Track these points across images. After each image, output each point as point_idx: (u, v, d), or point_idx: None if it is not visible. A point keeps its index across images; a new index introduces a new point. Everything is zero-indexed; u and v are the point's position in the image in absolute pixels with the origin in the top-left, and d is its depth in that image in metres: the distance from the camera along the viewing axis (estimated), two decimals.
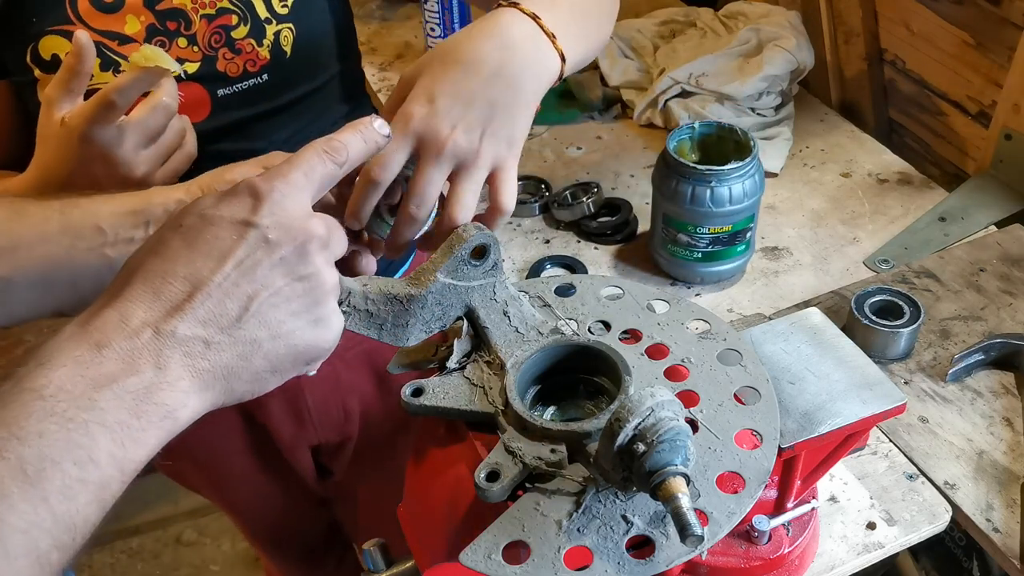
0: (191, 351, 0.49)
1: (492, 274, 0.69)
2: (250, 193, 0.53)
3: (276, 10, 0.90)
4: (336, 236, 0.56)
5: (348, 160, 0.59)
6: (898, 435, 1.02)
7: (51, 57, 0.84)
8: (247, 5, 0.89)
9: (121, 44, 0.85)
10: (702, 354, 0.69)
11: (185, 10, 0.87)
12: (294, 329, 0.53)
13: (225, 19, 0.88)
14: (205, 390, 0.49)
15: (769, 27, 1.59)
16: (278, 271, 0.52)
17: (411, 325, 0.66)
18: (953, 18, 1.43)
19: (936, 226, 1.36)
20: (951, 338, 1.15)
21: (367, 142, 0.61)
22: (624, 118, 1.67)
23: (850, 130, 1.60)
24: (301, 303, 0.53)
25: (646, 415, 0.53)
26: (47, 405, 0.44)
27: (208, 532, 2.20)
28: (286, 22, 0.91)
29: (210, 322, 0.49)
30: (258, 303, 0.51)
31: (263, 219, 0.52)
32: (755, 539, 0.75)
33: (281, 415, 1.15)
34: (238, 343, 0.50)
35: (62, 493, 0.44)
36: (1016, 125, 1.36)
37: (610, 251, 1.35)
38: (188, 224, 0.52)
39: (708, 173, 1.16)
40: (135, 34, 0.85)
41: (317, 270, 0.53)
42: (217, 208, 0.52)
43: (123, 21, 0.85)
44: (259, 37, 0.90)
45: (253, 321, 0.51)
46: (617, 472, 0.56)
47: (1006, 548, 0.91)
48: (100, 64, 0.84)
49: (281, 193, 0.53)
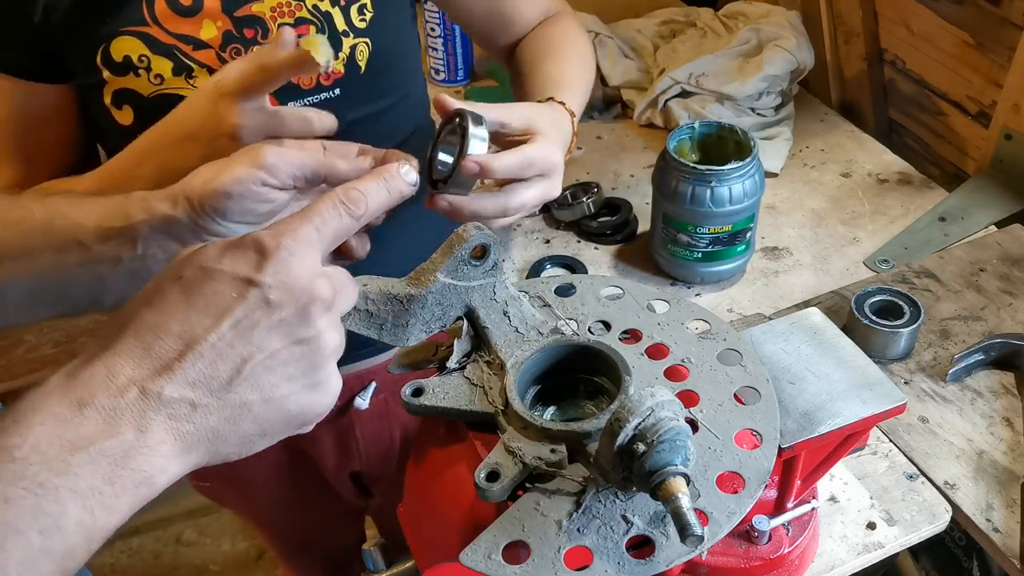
0: (176, 413, 0.46)
1: (492, 274, 0.69)
2: (256, 248, 0.50)
3: (355, 24, 0.89)
4: (345, 293, 0.54)
5: (367, 212, 0.56)
6: (898, 435, 1.02)
7: (123, 59, 0.82)
8: (326, 17, 0.87)
9: (196, 49, 0.83)
10: (702, 354, 0.69)
11: (263, 18, 0.85)
12: (288, 393, 0.50)
13: (303, 29, 0.86)
14: (187, 453, 0.47)
15: (769, 27, 1.59)
16: (276, 333, 0.49)
17: (411, 325, 0.66)
18: (953, 18, 1.43)
19: (936, 226, 1.36)
20: (951, 338, 1.15)
21: (391, 192, 0.59)
22: (624, 118, 1.67)
23: (850, 130, 1.60)
24: (298, 367, 0.50)
25: (646, 415, 0.53)
26: (18, 468, 0.42)
27: (208, 532, 2.20)
28: (363, 36, 0.89)
29: (200, 384, 0.47)
30: (252, 366, 0.48)
31: (266, 277, 0.49)
32: (755, 539, 0.75)
33: (329, 447, 1.14)
34: (227, 406, 0.48)
35: (22, 564, 0.41)
36: (1016, 125, 1.36)
37: (610, 251, 1.35)
38: (188, 276, 0.50)
39: (708, 173, 1.16)
40: (211, 40, 0.83)
41: (318, 333, 0.51)
42: (220, 262, 0.50)
43: (199, 26, 0.83)
44: (336, 50, 0.88)
45: (245, 384, 0.48)
46: (617, 472, 0.56)
47: (1006, 548, 0.91)
48: (172, 68, 0.83)
49: (288, 251, 0.50)
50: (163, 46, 0.82)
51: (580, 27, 1.07)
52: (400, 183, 0.60)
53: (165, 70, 0.82)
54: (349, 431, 1.13)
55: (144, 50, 0.81)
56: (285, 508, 1.25)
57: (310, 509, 1.27)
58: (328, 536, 1.37)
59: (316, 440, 1.13)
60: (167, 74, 0.82)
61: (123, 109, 0.84)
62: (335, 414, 1.10)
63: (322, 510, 1.28)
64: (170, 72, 0.83)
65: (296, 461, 1.16)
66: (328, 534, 1.36)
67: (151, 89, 0.83)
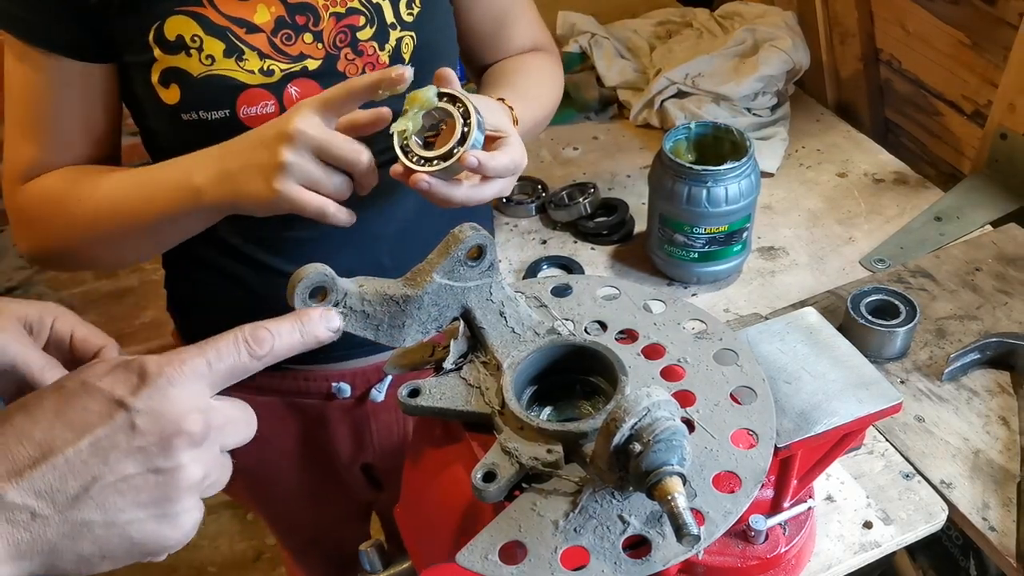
0: (14, 519, 0.46)
1: (488, 275, 0.69)
2: (138, 372, 0.50)
3: (403, 16, 0.90)
4: (230, 430, 0.53)
5: (271, 354, 0.54)
6: (894, 434, 1.02)
7: (175, 38, 0.83)
8: (376, 8, 0.89)
9: (248, 32, 0.84)
10: (698, 354, 0.69)
11: (316, 6, 0.86)
12: (133, 520, 0.49)
13: (353, 19, 0.88)
14: (20, 559, 0.47)
15: (765, 27, 1.59)
16: (133, 459, 0.49)
17: (407, 326, 0.66)
18: (949, 18, 1.44)
19: (932, 225, 1.36)
20: (947, 337, 1.15)
21: (304, 337, 0.56)
22: (620, 118, 1.68)
23: (846, 130, 1.61)
24: (150, 496, 0.49)
25: (642, 415, 0.53)
26: None
27: (206, 533, 2.20)
28: (409, 30, 0.91)
29: (45, 495, 0.47)
30: (100, 486, 0.48)
31: (138, 402, 0.49)
32: (752, 539, 0.75)
33: (344, 436, 1.15)
34: (67, 522, 0.47)
35: None
36: (1011, 124, 1.36)
37: (607, 251, 1.35)
38: (68, 388, 0.50)
39: (704, 173, 1.16)
40: (264, 24, 0.85)
41: (178, 465, 0.50)
42: (101, 379, 0.50)
43: (253, 9, 0.84)
44: (382, 41, 0.89)
45: (90, 503, 0.48)
46: (613, 472, 0.56)
47: (1002, 547, 0.91)
48: (224, 50, 0.84)
49: (168, 380, 0.50)
50: (216, 27, 0.83)
51: (559, 68, 1.10)
52: (318, 329, 0.57)
53: (217, 51, 0.83)
54: (364, 423, 1.14)
55: (197, 30, 0.83)
56: (296, 501, 1.25)
57: (321, 503, 1.27)
58: (337, 532, 1.37)
59: (332, 430, 1.13)
60: (218, 55, 0.83)
61: (170, 88, 0.85)
62: (353, 405, 1.11)
63: (332, 504, 1.28)
64: (221, 54, 0.84)
65: (311, 450, 1.17)
66: (337, 530, 1.37)
67: (201, 69, 0.84)
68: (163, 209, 0.85)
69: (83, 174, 0.90)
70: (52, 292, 2.36)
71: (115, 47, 0.85)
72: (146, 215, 0.86)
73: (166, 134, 0.91)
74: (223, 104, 0.85)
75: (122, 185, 0.87)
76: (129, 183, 0.87)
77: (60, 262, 0.99)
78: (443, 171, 0.77)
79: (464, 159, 0.76)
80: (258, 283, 0.98)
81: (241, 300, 0.99)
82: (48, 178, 0.90)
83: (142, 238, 0.90)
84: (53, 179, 0.90)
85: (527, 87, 1.00)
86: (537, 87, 1.03)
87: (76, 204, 0.88)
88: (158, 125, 0.91)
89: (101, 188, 0.88)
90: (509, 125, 0.86)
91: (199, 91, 0.84)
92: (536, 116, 1.00)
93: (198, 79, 0.84)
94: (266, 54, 0.85)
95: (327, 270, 0.60)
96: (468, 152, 0.76)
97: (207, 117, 0.85)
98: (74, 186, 0.89)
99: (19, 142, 0.90)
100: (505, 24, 1.06)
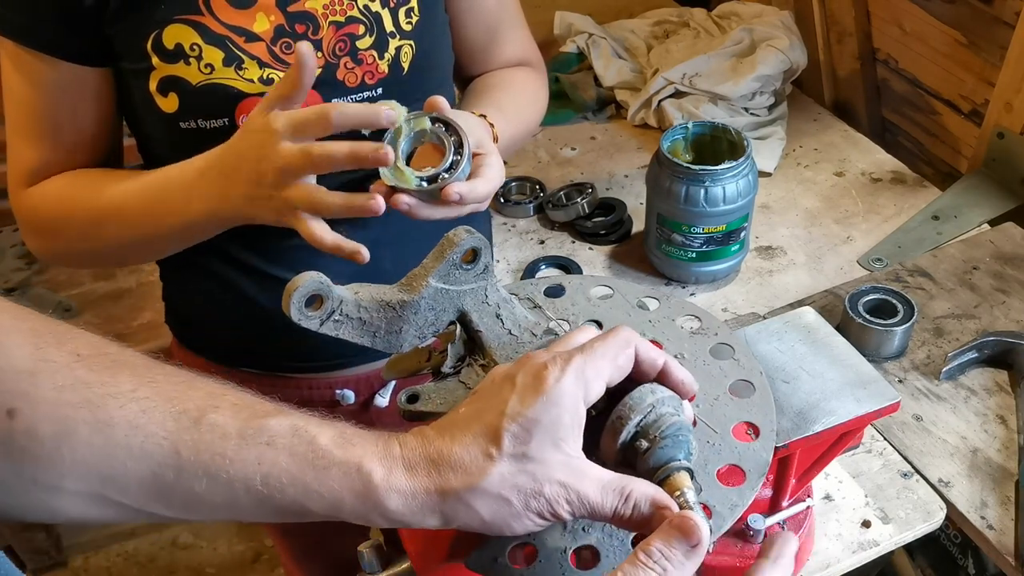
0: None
1: (483, 277, 0.69)
2: None
3: (402, 26, 0.90)
4: None
5: None
6: (892, 433, 1.03)
7: (174, 47, 0.82)
8: (375, 17, 0.88)
9: (248, 41, 0.84)
10: (695, 350, 0.69)
11: (315, 15, 0.86)
12: None
13: (353, 28, 0.87)
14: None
15: (762, 27, 1.59)
16: None
17: (404, 331, 0.66)
18: (945, 17, 1.44)
19: (929, 225, 1.36)
20: (945, 336, 1.15)
21: None
22: (618, 118, 1.68)
23: (843, 129, 1.61)
24: None
25: (647, 412, 0.54)
26: None
27: (204, 535, 2.20)
28: (408, 39, 0.91)
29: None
30: None
31: None
32: (751, 538, 0.75)
33: None
34: None
35: None
36: (1008, 123, 1.36)
37: (605, 251, 1.35)
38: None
39: (702, 173, 1.16)
40: (263, 32, 0.84)
41: None
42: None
43: (253, 18, 0.84)
44: (381, 50, 0.89)
45: None
46: (621, 469, 0.56)
47: (1001, 545, 0.91)
48: (223, 59, 0.83)
49: None
50: (215, 36, 0.83)
51: (544, 85, 1.11)
52: None
53: (216, 60, 0.83)
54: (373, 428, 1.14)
55: (196, 39, 0.82)
56: None
57: None
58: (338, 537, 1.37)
59: None
60: (217, 64, 0.83)
61: (168, 96, 0.85)
62: (357, 411, 1.11)
63: None
64: (220, 62, 0.83)
65: None
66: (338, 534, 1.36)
67: (200, 78, 0.84)
68: (167, 232, 0.87)
69: (88, 181, 0.90)
70: (50, 294, 2.36)
71: (112, 53, 0.85)
72: (152, 232, 0.89)
73: (162, 141, 0.90)
74: (222, 113, 0.85)
75: (128, 202, 0.88)
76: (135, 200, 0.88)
77: (70, 264, 1.00)
78: (425, 193, 0.79)
79: (447, 193, 0.78)
80: (257, 292, 0.98)
81: (240, 309, 0.99)
82: (53, 183, 0.90)
83: (146, 251, 0.95)
84: (58, 185, 0.90)
85: (509, 103, 1.01)
86: (519, 104, 1.04)
87: (83, 213, 0.89)
88: (155, 132, 0.90)
89: (104, 197, 0.88)
90: (489, 142, 0.86)
91: (198, 100, 0.84)
92: (516, 133, 1.01)
93: (197, 88, 0.84)
94: (265, 63, 0.85)
95: (322, 278, 0.60)
96: (452, 184, 0.78)
97: (205, 126, 0.85)
98: (80, 193, 0.89)
99: (20, 145, 0.90)
100: (496, 37, 1.06)
